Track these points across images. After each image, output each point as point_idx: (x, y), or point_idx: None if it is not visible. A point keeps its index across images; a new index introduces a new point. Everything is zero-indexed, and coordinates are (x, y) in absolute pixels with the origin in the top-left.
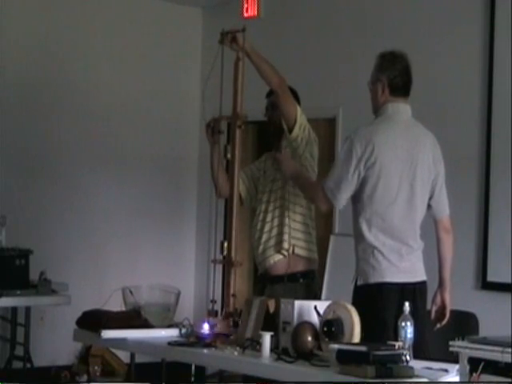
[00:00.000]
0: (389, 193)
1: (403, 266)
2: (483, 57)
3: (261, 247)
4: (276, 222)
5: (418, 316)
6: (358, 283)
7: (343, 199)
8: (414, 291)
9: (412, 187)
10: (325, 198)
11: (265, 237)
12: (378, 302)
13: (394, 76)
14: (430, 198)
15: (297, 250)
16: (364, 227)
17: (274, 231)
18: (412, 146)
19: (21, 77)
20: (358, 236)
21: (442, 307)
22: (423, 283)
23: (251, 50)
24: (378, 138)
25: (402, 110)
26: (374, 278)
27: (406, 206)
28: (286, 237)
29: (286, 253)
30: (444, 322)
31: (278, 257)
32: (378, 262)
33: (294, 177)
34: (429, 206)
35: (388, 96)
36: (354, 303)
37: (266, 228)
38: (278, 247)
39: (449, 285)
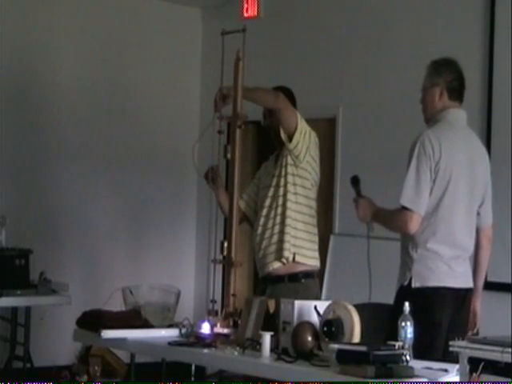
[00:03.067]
0: (455, 198)
1: (459, 271)
2: (483, 57)
3: (261, 252)
4: (277, 228)
5: (465, 321)
6: (413, 285)
7: (425, 204)
8: (465, 297)
9: (472, 193)
10: (411, 217)
11: (265, 243)
12: (435, 306)
13: (451, 79)
14: (480, 206)
15: (297, 258)
16: (427, 231)
17: (275, 238)
18: (472, 153)
19: (19, 77)
20: (417, 239)
21: (473, 315)
22: (471, 290)
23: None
24: (446, 142)
25: (461, 116)
26: (433, 282)
27: (467, 211)
28: (286, 245)
29: (285, 261)
30: (475, 330)
31: (277, 264)
32: (437, 267)
33: (375, 220)
34: (477, 214)
35: (446, 101)
36: (400, 303)
37: (267, 234)
38: (278, 255)
39: (481, 293)
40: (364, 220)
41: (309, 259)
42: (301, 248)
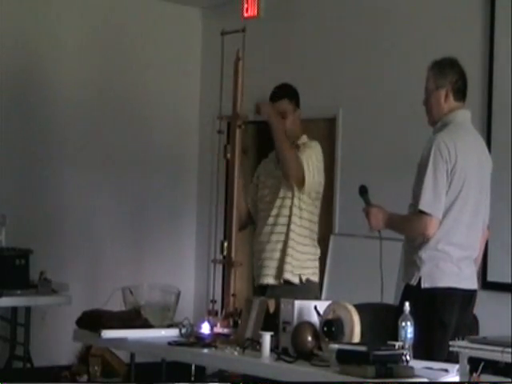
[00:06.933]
0: (466, 199)
1: (468, 272)
2: (483, 56)
3: (260, 262)
4: (279, 245)
5: (469, 323)
6: (423, 286)
7: (442, 208)
8: (471, 297)
9: (480, 194)
10: (430, 222)
11: (265, 255)
12: (444, 306)
13: (456, 80)
14: None
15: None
16: (439, 232)
17: (276, 255)
18: (482, 154)
19: (20, 78)
20: (427, 241)
21: None
22: (475, 291)
23: (276, 123)
24: (460, 145)
25: (468, 117)
26: (443, 282)
27: (475, 212)
28: (287, 267)
29: (282, 282)
30: None
31: (276, 281)
32: (448, 267)
33: (389, 227)
34: None
35: (452, 102)
36: (403, 302)
37: (269, 247)
38: (278, 273)
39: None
40: (377, 228)
41: (308, 275)
42: (301, 268)
